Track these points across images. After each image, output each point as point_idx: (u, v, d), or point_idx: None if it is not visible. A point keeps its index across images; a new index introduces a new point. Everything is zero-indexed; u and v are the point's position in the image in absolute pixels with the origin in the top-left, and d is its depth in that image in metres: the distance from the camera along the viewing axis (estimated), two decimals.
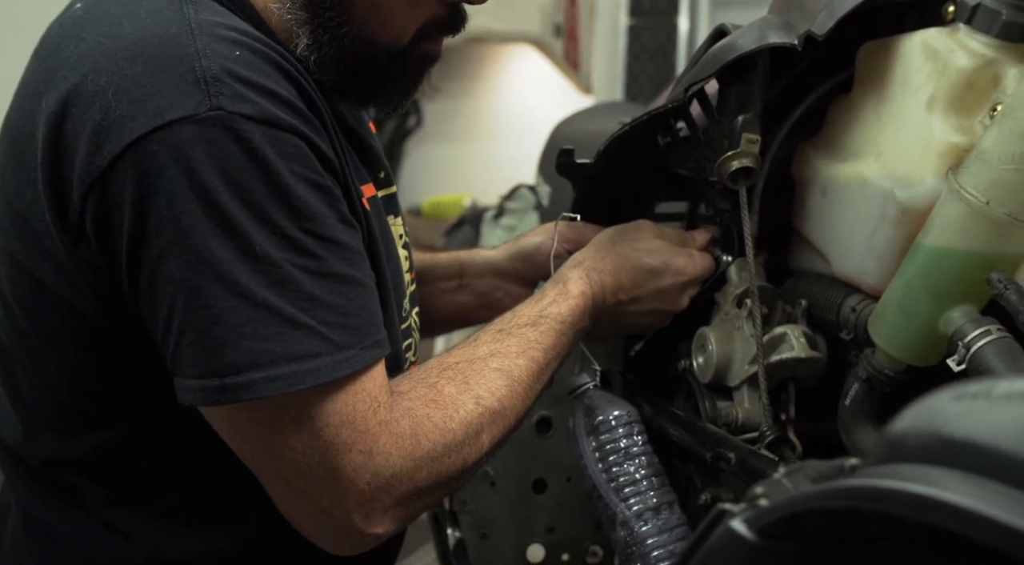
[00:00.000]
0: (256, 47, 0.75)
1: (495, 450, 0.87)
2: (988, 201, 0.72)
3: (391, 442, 0.78)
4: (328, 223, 0.76)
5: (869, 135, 0.88)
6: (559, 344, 0.92)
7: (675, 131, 0.97)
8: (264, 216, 0.72)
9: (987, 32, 0.78)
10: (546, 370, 0.91)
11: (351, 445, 0.75)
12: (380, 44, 0.84)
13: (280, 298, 0.72)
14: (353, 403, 0.76)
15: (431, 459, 0.80)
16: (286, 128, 0.73)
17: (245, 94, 0.72)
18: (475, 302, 1.15)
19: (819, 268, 0.97)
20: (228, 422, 0.77)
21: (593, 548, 1.19)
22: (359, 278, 0.79)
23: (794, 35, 0.86)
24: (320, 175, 0.76)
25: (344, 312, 0.75)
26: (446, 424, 0.81)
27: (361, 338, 0.76)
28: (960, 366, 0.75)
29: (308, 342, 0.73)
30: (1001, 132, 0.72)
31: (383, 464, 0.77)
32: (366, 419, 0.76)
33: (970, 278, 0.76)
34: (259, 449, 0.77)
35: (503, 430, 0.86)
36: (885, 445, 0.43)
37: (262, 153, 0.71)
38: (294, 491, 0.78)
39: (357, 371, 0.76)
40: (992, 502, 0.36)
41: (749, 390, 0.96)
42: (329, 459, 0.75)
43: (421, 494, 0.81)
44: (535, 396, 0.90)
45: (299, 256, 0.73)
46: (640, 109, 2.16)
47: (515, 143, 4.41)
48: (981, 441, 0.39)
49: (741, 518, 0.47)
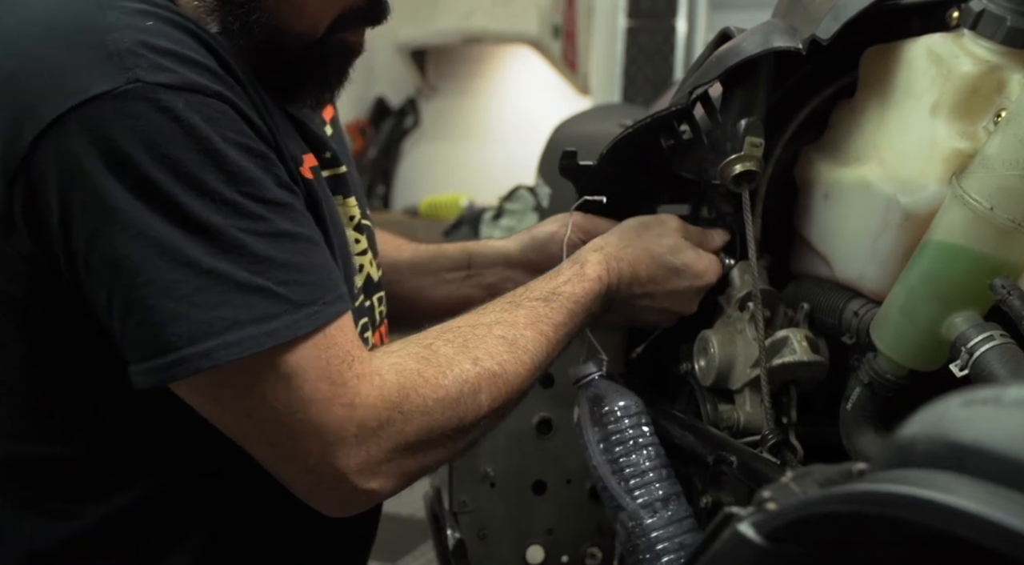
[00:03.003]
0: (169, 17, 0.74)
1: (497, 415, 0.85)
2: (992, 207, 0.73)
3: (374, 393, 0.76)
4: (267, 185, 0.74)
5: (872, 139, 0.88)
6: (569, 323, 0.91)
7: (678, 134, 0.97)
8: (199, 184, 0.70)
9: (992, 38, 0.78)
10: (554, 347, 0.90)
11: (332, 399, 0.74)
12: (293, 34, 0.82)
13: (229, 264, 0.71)
14: (326, 357, 0.74)
15: (421, 412, 0.78)
16: (210, 93, 0.72)
17: (162, 63, 0.70)
18: (483, 293, 1.12)
19: (821, 272, 0.97)
20: (201, 395, 0.76)
21: (592, 550, 1.19)
22: (310, 235, 0.77)
23: (798, 39, 0.87)
24: (252, 139, 0.75)
25: (301, 269, 0.74)
26: (438, 380, 0.79)
27: (322, 293, 0.75)
28: (963, 371, 0.75)
29: (264, 304, 0.72)
30: (1005, 138, 0.72)
31: (368, 415, 0.76)
32: (342, 372, 0.75)
33: (973, 283, 0.76)
34: (239, 415, 0.76)
35: (505, 394, 0.84)
36: (893, 450, 0.44)
37: (188, 120, 0.70)
38: (281, 452, 0.76)
39: (321, 326, 0.74)
40: (1001, 507, 0.36)
41: (751, 393, 0.97)
42: (312, 415, 0.74)
43: (414, 449, 0.79)
44: (539, 369, 0.88)
45: (244, 220, 0.72)
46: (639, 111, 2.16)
47: (512, 144, 4.41)
48: (990, 447, 0.39)
49: (749, 522, 0.47)
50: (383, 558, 2.41)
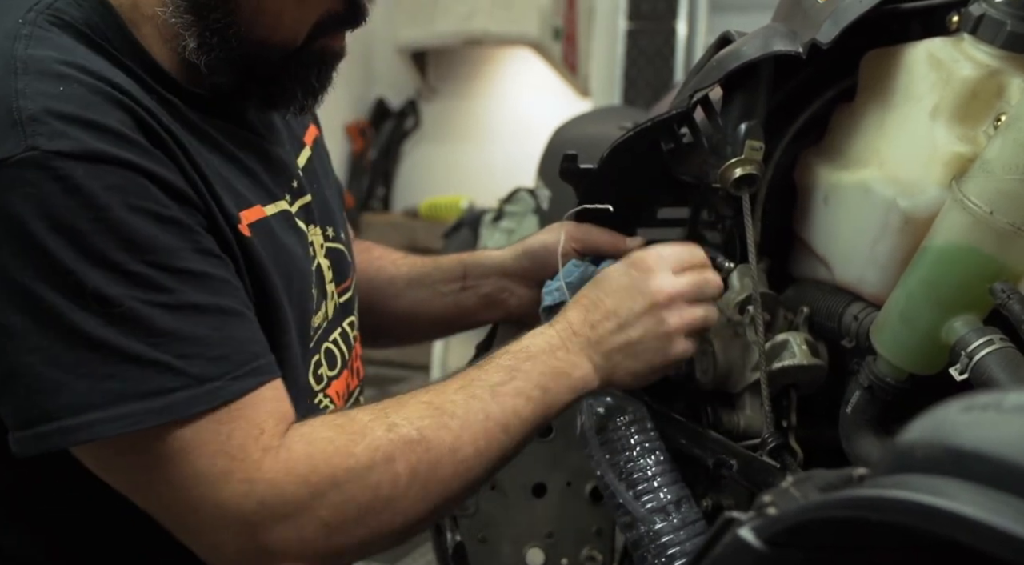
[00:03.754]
0: (86, 81, 0.73)
1: (426, 488, 0.77)
2: (992, 211, 0.73)
3: (278, 467, 0.73)
4: (179, 254, 0.72)
5: (872, 143, 0.88)
6: (514, 378, 0.83)
7: (679, 137, 0.97)
8: (95, 254, 0.69)
9: (992, 42, 0.78)
10: (500, 411, 0.81)
11: (229, 474, 0.71)
12: (272, 44, 0.82)
13: (123, 335, 0.69)
14: (228, 432, 0.72)
15: (332, 485, 0.73)
16: (113, 161, 0.70)
17: (64, 130, 0.69)
18: (479, 303, 1.12)
19: (821, 275, 0.97)
20: (96, 464, 0.74)
21: (592, 553, 1.19)
22: (225, 306, 0.75)
23: (798, 43, 0.87)
24: (164, 206, 0.72)
25: (206, 343, 0.72)
26: (348, 448, 0.75)
27: (232, 368, 0.73)
28: (962, 375, 0.75)
29: (159, 378, 0.70)
30: (1005, 142, 0.73)
31: (269, 491, 0.72)
32: (245, 447, 0.72)
33: (973, 287, 0.76)
34: (135, 486, 0.74)
35: (427, 464, 0.77)
36: (894, 455, 0.44)
37: (86, 189, 0.69)
38: (182, 527, 0.74)
39: (226, 401, 0.72)
40: (1001, 513, 0.37)
41: (751, 397, 0.97)
42: (208, 492, 0.71)
43: (331, 530, 0.74)
44: (482, 437, 0.80)
45: (144, 291, 0.70)
46: (639, 113, 2.17)
47: (512, 145, 4.42)
48: (990, 452, 0.39)
49: (749, 526, 0.47)
50: (382, 559, 2.41)
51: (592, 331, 0.88)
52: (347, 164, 4.84)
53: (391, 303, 1.13)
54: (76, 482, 0.77)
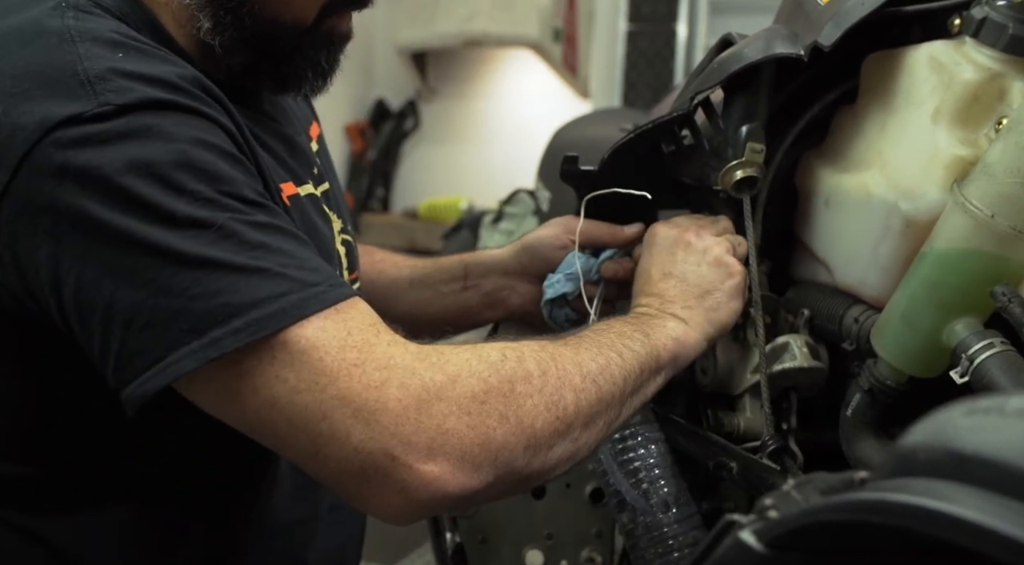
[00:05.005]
0: (140, 46, 0.76)
1: (559, 391, 0.75)
2: (993, 214, 0.73)
3: (410, 355, 0.71)
4: (249, 189, 0.74)
5: (873, 146, 0.88)
6: (611, 328, 0.85)
7: (680, 139, 0.97)
8: (176, 185, 0.70)
9: (993, 45, 0.78)
10: (605, 339, 0.83)
11: (361, 364, 0.70)
12: (283, 23, 0.84)
13: (224, 251, 0.70)
14: (346, 329, 0.71)
15: (467, 373, 0.72)
16: (179, 108, 0.73)
17: (131, 86, 0.72)
18: (481, 302, 1.13)
19: (821, 278, 0.97)
20: (218, 394, 0.72)
21: (591, 554, 1.19)
22: (296, 234, 0.76)
23: (800, 46, 0.87)
24: (230, 147, 0.75)
25: (298, 256, 0.73)
26: (477, 349, 0.75)
27: (327, 277, 0.73)
28: (963, 378, 0.75)
29: (267, 285, 0.70)
30: (1007, 145, 0.73)
31: (407, 375, 0.70)
32: (368, 339, 0.71)
33: (974, 291, 0.76)
34: (262, 406, 0.71)
35: (555, 369, 0.76)
36: (896, 459, 0.44)
37: (157, 131, 0.71)
38: (319, 440, 0.70)
39: (333, 302, 0.72)
40: (1004, 517, 0.37)
41: (751, 399, 0.97)
42: (342, 387, 0.69)
43: (472, 420, 0.71)
44: (602, 357, 0.80)
45: (231, 213, 0.72)
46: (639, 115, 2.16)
47: (512, 147, 4.41)
48: (992, 456, 0.39)
49: (750, 529, 0.47)
50: (381, 560, 2.41)
51: (659, 299, 0.91)
52: (346, 164, 4.83)
53: (393, 305, 1.14)
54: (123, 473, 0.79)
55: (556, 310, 1.04)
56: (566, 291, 1.02)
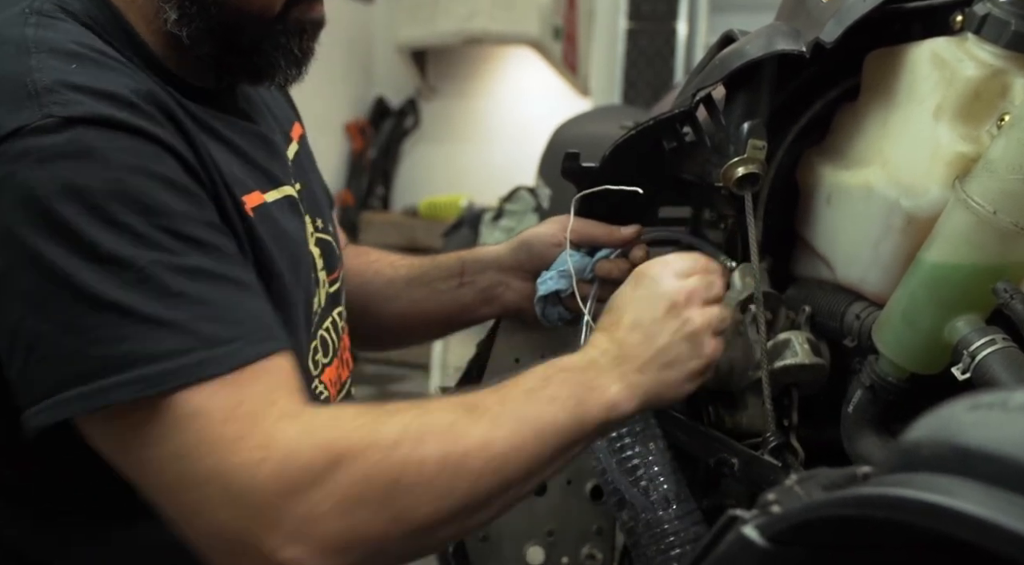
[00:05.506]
0: (97, 58, 0.74)
1: (454, 480, 0.72)
2: (995, 211, 0.73)
3: (297, 431, 0.69)
4: (192, 222, 0.72)
5: (875, 143, 0.88)
6: (548, 385, 0.80)
7: (681, 136, 0.97)
8: (108, 216, 0.68)
9: (996, 42, 0.78)
10: (531, 410, 0.78)
11: (241, 439, 0.67)
12: (250, 13, 0.83)
13: (136, 297, 0.68)
14: (240, 397, 0.69)
15: (354, 456, 0.69)
16: (127, 128, 0.71)
17: (79, 99, 0.70)
18: (476, 299, 1.12)
19: (823, 275, 0.97)
20: (103, 437, 0.71)
21: (592, 551, 1.19)
22: (238, 278, 0.74)
23: (802, 43, 0.87)
24: (177, 174, 0.73)
25: (220, 307, 0.71)
26: (376, 422, 0.72)
27: (245, 333, 0.71)
28: (964, 375, 0.75)
29: (172, 339, 0.68)
30: (1009, 142, 0.73)
31: (286, 457, 0.67)
32: (257, 412, 0.68)
33: (976, 287, 0.76)
34: (143, 462, 0.70)
35: (456, 454, 0.72)
36: (899, 454, 0.44)
37: (100, 152, 0.69)
38: (189, 509, 0.69)
39: (240, 365, 0.70)
40: (1006, 512, 0.37)
41: (752, 396, 0.97)
42: (217, 460, 0.67)
43: (348, 509, 0.68)
44: (517, 435, 0.76)
45: (157, 252, 0.69)
46: (639, 113, 2.17)
47: (512, 145, 4.41)
48: (996, 451, 0.39)
49: (753, 524, 0.47)
50: None
51: (620, 348, 0.84)
52: (346, 163, 4.83)
53: (390, 305, 1.13)
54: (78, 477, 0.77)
55: (549, 308, 1.04)
56: (559, 289, 1.02)
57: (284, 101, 1.07)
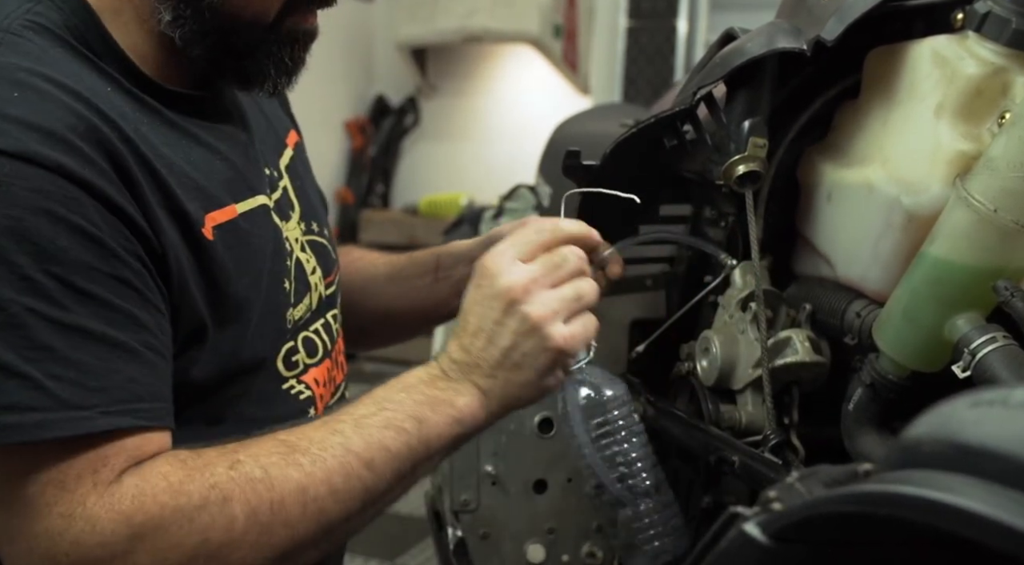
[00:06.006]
0: (44, 88, 0.72)
1: (267, 532, 0.71)
2: (996, 209, 0.73)
3: (102, 503, 0.67)
4: (88, 274, 0.69)
5: (876, 141, 0.88)
6: (383, 410, 0.79)
7: (682, 134, 0.97)
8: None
9: (996, 40, 0.78)
10: (359, 441, 0.76)
11: (52, 506, 0.67)
12: (243, 19, 0.83)
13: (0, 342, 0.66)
14: (70, 462, 0.67)
15: (155, 526, 0.67)
16: (48, 166, 0.69)
17: (7, 130, 0.69)
18: (451, 292, 1.10)
19: (823, 273, 0.97)
20: None
21: (593, 549, 1.19)
22: (121, 341, 0.71)
23: (803, 40, 0.87)
24: (91, 223, 0.70)
25: (86, 370, 0.68)
26: (182, 485, 0.69)
27: (104, 402, 0.69)
28: (965, 373, 0.75)
29: (21, 393, 0.66)
30: (1010, 139, 0.72)
31: (85, 529, 0.66)
32: (80, 478, 0.67)
33: (976, 285, 0.76)
34: None
35: (269, 504, 0.71)
36: (900, 451, 0.44)
37: (7, 187, 0.67)
38: (7, 558, 0.69)
39: (86, 433, 0.68)
40: (1007, 508, 0.37)
41: (753, 393, 0.97)
42: (27, 521, 0.67)
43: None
44: (341, 471, 0.74)
45: (37, 300, 0.67)
46: (640, 111, 2.16)
47: (512, 143, 4.42)
48: (997, 448, 0.39)
49: (754, 521, 0.47)
50: (381, 556, 2.41)
51: (467, 355, 0.82)
52: (347, 161, 4.84)
53: (371, 303, 1.14)
54: None
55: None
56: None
57: (280, 108, 1.08)
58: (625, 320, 1.22)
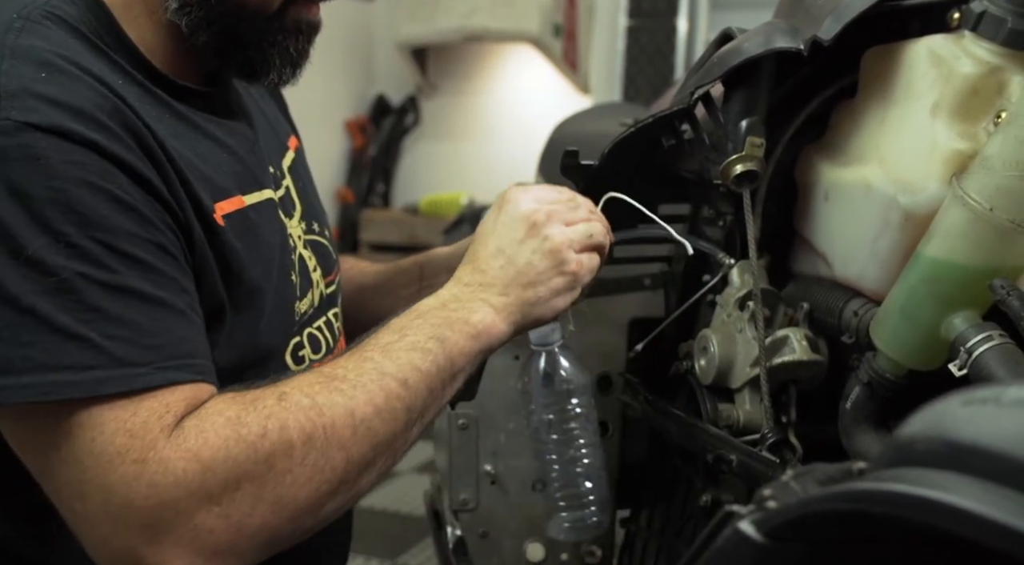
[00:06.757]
0: (69, 70, 0.75)
1: (325, 454, 0.73)
2: (992, 208, 0.73)
3: (171, 446, 0.69)
4: (130, 239, 0.72)
5: (873, 140, 0.89)
6: (405, 336, 0.81)
7: (680, 134, 0.98)
8: (44, 221, 0.69)
9: (992, 39, 0.79)
10: (391, 364, 0.79)
11: (124, 453, 0.68)
12: (249, 7, 0.85)
13: (53, 306, 0.69)
14: (134, 411, 0.70)
15: (224, 459, 0.70)
16: (80, 140, 0.71)
17: (38, 107, 0.71)
18: None
19: (821, 272, 0.97)
20: (12, 436, 0.73)
21: (592, 548, 1.20)
22: (168, 300, 0.74)
23: (800, 40, 0.87)
24: (125, 192, 0.73)
25: (139, 329, 0.71)
26: (239, 418, 0.72)
27: (160, 358, 0.71)
28: (961, 371, 0.75)
29: (79, 354, 0.69)
30: (1006, 139, 0.73)
31: (159, 472, 0.68)
32: (146, 426, 0.69)
33: (973, 284, 0.76)
34: (39, 465, 0.72)
35: (322, 428, 0.74)
36: (893, 449, 0.44)
37: (47, 159, 0.70)
38: (76, 518, 0.70)
39: (143, 389, 0.70)
40: (999, 506, 0.37)
41: (750, 392, 0.97)
42: (100, 473, 0.68)
43: (227, 511, 0.69)
44: (382, 392, 0.77)
45: (86, 265, 0.70)
46: (640, 110, 2.16)
47: (512, 142, 4.42)
48: (989, 446, 0.39)
49: (749, 520, 0.47)
50: (382, 555, 2.42)
51: (483, 275, 0.87)
52: (347, 160, 4.84)
53: (362, 313, 1.14)
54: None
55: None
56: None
57: (281, 114, 1.09)
58: (624, 319, 1.22)
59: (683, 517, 1.10)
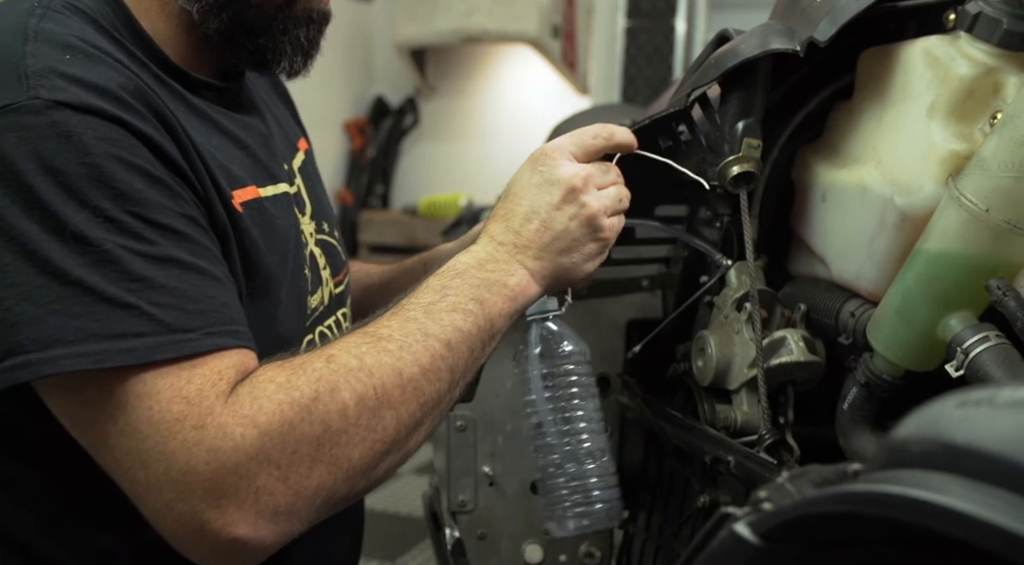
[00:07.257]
0: (92, 52, 0.76)
1: (377, 413, 0.74)
2: (988, 208, 0.73)
3: (227, 411, 0.70)
4: (164, 211, 0.73)
5: (869, 141, 0.89)
6: (446, 296, 0.82)
7: (677, 135, 0.98)
8: (81, 197, 0.70)
9: (988, 40, 0.79)
10: (438, 327, 0.79)
11: (182, 420, 0.69)
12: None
13: (99, 277, 0.70)
14: (187, 378, 0.70)
15: (280, 423, 0.70)
16: (109, 117, 0.73)
17: (66, 86, 0.72)
18: None
19: (818, 273, 0.97)
20: (62, 410, 0.73)
21: (591, 549, 1.20)
22: (206, 269, 0.75)
23: (796, 41, 0.87)
24: (154, 166, 0.74)
25: (183, 295, 0.72)
26: (291, 381, 0.72)
27: (207, 324, 0.72)
28: (958, 372, 0.75)
29: (129, 322, 0.69)
30: (1001, 140, 0.73)
31: (218, 437, 0.69)
32: (202, 392, 0.70)
33: (969, 285, 0.76)
34: (94, 437, 0.72)
35: (372, 388, 0.74)
36: (888, 450, 0.44)
37: (78, 136, 0.71)
38: (137, 487, 0.71)
39: (195, 353, 0.71)
40: (994, 508, 0.37)
41: (748, 393, 0.97)
42: (160, 440, 0.69)
43: (286, 473, 0.70)
44: (427, 352, 0.78)
45: (125, 237, 0.71)
46: (638, 111, 2.17)
47: (511, 143, 4.42)
48: (983, 447, 0.39)
49: (745, 522, 0.47)
50: (381, 556, 2.42)
51: (517, 236, 0.87)
52: (346, 161, 4.84)
53: (369, 314, 1.15)
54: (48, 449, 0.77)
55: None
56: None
57: (290, 116, 1.10)
58: (622, 321, 1.22)
59: (681, 518, 1.10)
